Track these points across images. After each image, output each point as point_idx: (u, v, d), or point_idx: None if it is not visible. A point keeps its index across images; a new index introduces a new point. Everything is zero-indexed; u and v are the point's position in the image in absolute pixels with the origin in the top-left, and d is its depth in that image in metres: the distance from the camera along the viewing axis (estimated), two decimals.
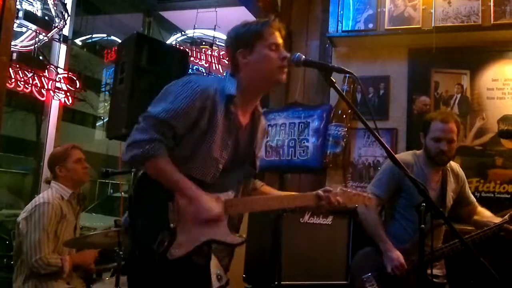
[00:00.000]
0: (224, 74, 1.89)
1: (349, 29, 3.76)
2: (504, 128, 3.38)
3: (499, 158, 3.39)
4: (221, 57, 7.23)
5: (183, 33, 7.43)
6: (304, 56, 1.77)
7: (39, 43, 5.07)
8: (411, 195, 2.51)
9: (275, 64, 1.74)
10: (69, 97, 5.50)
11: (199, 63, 7.33)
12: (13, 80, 4.81)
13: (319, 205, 1.86)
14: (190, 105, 1.63)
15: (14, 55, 4.90)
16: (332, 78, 1.73)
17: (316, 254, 2.89)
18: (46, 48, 5.49)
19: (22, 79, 4.92)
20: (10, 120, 12.46)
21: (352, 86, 3.77)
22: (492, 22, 3.36)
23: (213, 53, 7.35)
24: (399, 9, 3.64)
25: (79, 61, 12.78)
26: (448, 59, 3.60)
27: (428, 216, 1.67)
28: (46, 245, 2.59)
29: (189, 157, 1.67)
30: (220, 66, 7.35)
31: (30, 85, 5.01)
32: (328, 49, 4.01)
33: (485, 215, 2.71)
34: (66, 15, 5.19)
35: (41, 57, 5.26)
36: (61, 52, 5.52)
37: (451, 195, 2.66)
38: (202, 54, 7.34)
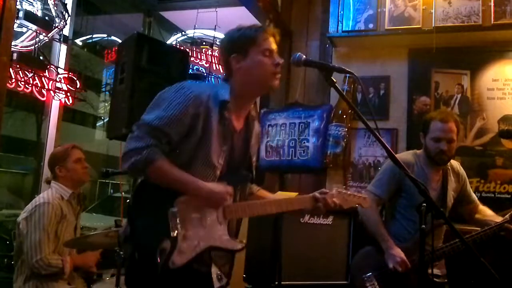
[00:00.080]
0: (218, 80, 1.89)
1: (349, 29, 3.77)
2: (505, 128, 3.38)
3: (500, 158, 3.39)
4: None
5: (184, 33, 7.41)
6: (305, 56, 1.77)
7: (40, 43, 5.06)
8: (412, 195, 2.51)
9: (268, 70, 1.74)
10: (70, 97, 5.49)
11: (200, 63, 7.32)
12: (14, 80, 4.80)
13: (316, 207, 1.86)
14: (184, 112, 1.63)
15: (15, 55, 4.88)
16: (333, 78, 1.72)
17: (316, 254, 2.89)
18: (47, 48, 5.48)
19: (23, 79, 4.91)
20: (11, 120, 12.47)
21: (353, 86, 3.77)
22: (493, 22, 3.37)
23: (214, 53, 7.33)
24: (399, 9, 3.64)
25: (80, 61, 12.79)
26: (449, 59, 3.60)
27: (429, 216, 1.67)
28: (47, 245, 2.59)
29: (186, 165, 1.66)
30: (221, 67, 7.33)
31: (31, 85, 5.00)
32: (328, 49, 4.02)
33: (487, 214, 2.71)
34: (67, 15, 5.19)
35: (42, 57, 5.24)
36: (62, 52, 5.50)
37: (452, 194, 2.66)
38: (203, 54, 7.32)
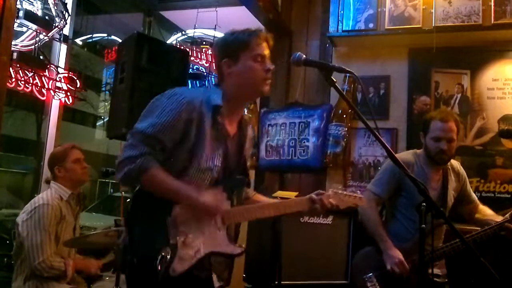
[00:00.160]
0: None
1: (350, 29, 3.76)
2: (505, 128, 3.38)
3: (500, 158, 3.39)
4: None
5: (184, 33, 7.41)
6: (305, 56, 1.77)
7: (40, 43, 5.06)
8: (412, 195, 2.50)
9: (259, 76, 1.73)
10: (70, 97, 5.50)
11: (200, 63, 7.33)
12: (14, 80, 4.81)
13: (313, 209, 1.86)
14: (177, 118, 1.63)
15: (15, 55, 4.88)
16: (333, 78, 1.72)
17: (316, 254, 2.89)
18: (47, 48, 5.49)
19: (23, 79, 4.92)
20: (11, 120, 12.46)
21: (353, 86, 3.77)
22: (493, 22, 3.36)
23: None
24: (400, 9, 3.64)
25: (80, 61, 12.79)
26: (449, 59, 3.60)
27: (429, 216, 1.67)
28: (48, 247, 2.57)
29: (182, 171, 1.66)
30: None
31: (31, 85, 5.01)
32: (329, 49, 4.02)
33: (487, 213, 2.71)
34: (67, 15, 5.19)
35: (42, 57, 5.25)
36: (62, 52, 5.51)
37: (452, 194, 2.66)
38: (203, 54, 7.33)
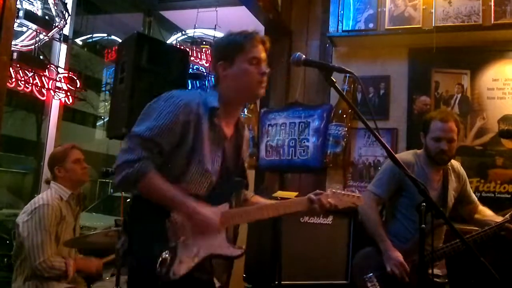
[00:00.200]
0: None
1: (350, 29, 3.76)
2: (505, 128, 3.38)
3: (500, 158, 3.38)
4: None
5: (184, 33, 7.41)
6: (304, 56, 1.77)
7: (40, 43, 5.06)
8: (412, 195, 2.50)
9: (254, 79, 1.73)
10: (70, 97, 5.50)
11: (200, 63, 7.32)
12: (14, 80, 4.81)
13: (312, 208, 1.86)
14: (174, 120, 1.63)
15: (15, 55, 4.88)
16: (333, 78, 1.72)
17: (316, 254, 2.89)
18: (47, 48, 5.49)
19: (23, 79, 4.91)
20: (11, 120, 12.46)
21: (353, 86, 3.77)
22: (493, 22, 3.36)
23: None
24: (400, 9, 3.63)
25: (80, 61, 12.78)
26: (449, 59, 3.59)
27: (429, 216, 1.67)
28: (49, 247, 2.57)
29: (181, 173, 1.66)
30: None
31: (31, 85, 5.01)
32: (329, 49, 4.01)
33: (487, 214, 2.71)
34: (67, 15, 5.19)
35: (42, 57, 5.25)
36: (62, 52, 5.51)
37: (453, 194, 2.66)
38: (203, 54, 7.33)
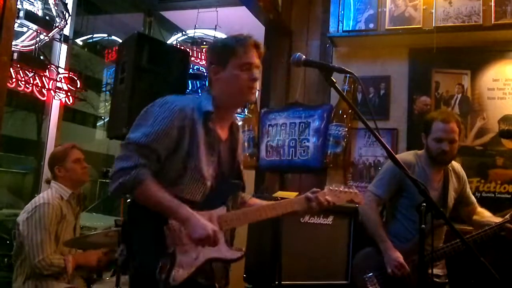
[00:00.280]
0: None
1: (350, 29, 3.76)
2: (505, 128, 3.38)
3: (500, 158, 3.38)
4: None
5: (184, 33, 7.39)
6: (305, 56, 1.77)
7: (40, 43, 5.05)
8: (413, 195, 2.50)
9: (244, 85, 1.72)
10: (70, 97, 5.49)
11: (200, 63, 7.31)
12: (14, 80, 4.80)
13: (310, 207, 1.85)
14: (169, 126, 1.63)
15: (15, 55, 4.87)
16: (333, 78, 1.72)
17: (317, 254, 2.88)
18: (47, 48, 5.48)
19: (23, 79, 4.91)
20: (11, 120, 12.45)
21: (353, 86, 3.77)
22: (493, 22, 3.36)
23: None
24: (400, 9, 3.63)
25: (80, 61, 12.77)
26: (449, 59, 3.59)
27: (429, 216, 1.67)
28: (49, 246, 2.58)
29: (177, 179, 1.66)
30: None
31: (31, 85, 5.00)
32: (329, 49, 4.01)
33: (485, 215, 2.71)
34: (67, 15, 5.18)
35: (42, 57, 5.24)
36: (62, 52, 5.50)
37: (453, 195, 2.66)
38: (203, 54, 7.32)
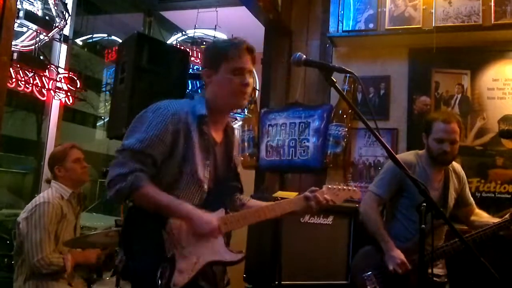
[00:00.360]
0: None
1: (350, 29, 3.76)
2: (505, 128, 3.38)
3: (500, 158, 3.39)
4: None
5: (184, 33, 7.38)
6: (305, 56, 1.77)
7: (40, 43, 5.05)
8: (413, 195, 2.49)
9: (235, 90, 1.72)
10: (70, 97, 5.48)
11: (200, 63, 7.32)
12: (14, 80, 4.80)
13: (308, 206, 1.85)
14: (163, 131, 1.63)
15: (15, 55, 4.87)
16: (333, 78, 1.72)
17: (316, 254, 2.89)
18: (47, 48, 5.47)
19: (23, 79, 4.90)
20: (11, 120, 12.45)
21: (353, 86, 3.77)
22: (493, 22, 3.36)
23: None
24: (400, 9, 3.64)
25: (80, 61, 12.76)
26: (449, 59, 3.60)
27: (429, 216, 1.67)
28: (48, 245, 2.58)
29: (173, 183, 1.66)
30: None
31: (31, 85, 5.00)
32: (329, 49, 4.02)
33: (483, 216, 2.72)
34: (67, 15, 5.18)
35: (42, 57, 5.24)
36: (62, 52, 5.50)
37: (453, 195, 2.66)
38: (203, 54, 7.32)
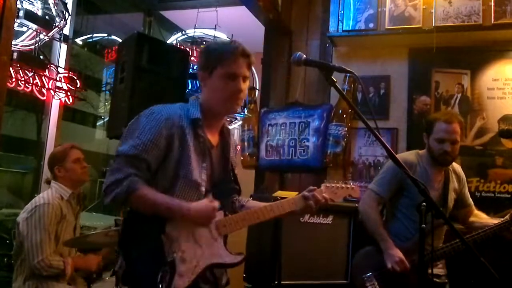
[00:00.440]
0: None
1: (350, 29, 3.76)
2: (505, 128, 3.38)
3: (500, 158, 3.39)
4: None
5: (184, 33, 7.38)
6: (305, 56, 1.76)
7: (40, 43, 5.05)
8: (413, 195, 2.50)
9: (228, 95, 1.71)
10: (70, 97, 5.48)
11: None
12: (14, 80, 4.79)
13: (308, 205, 1.84)
14: (157, 135, 1.63)
15: (15, 55, 4.87)
16: (333, 78, 1.72)
17: (316, 254, 2.89)
18: (47, 48, 5.47)
19: (23, 79, 4.90)
20: (11, 120, 12.45)
21: (353, 86, 3.77)
22: (493, 22, 3.36)
23: None
24: (400, 9, 3.64)
25: (80, 61, 12.75)
26: (449, 59, 3.60)
27: (429, 216, 1.67)
28: (48, 246, 2.58)
29: (170, 187, 1.66)
30: None
31: (31, 85, 4.99)
32: (329, 49, 4.02)
33: (482, 217, 2.72)
34: (67, 15, 5.18)
35: (42, 57, 5.23)
36: (62, 52, 5.50)
37: (453, 195, 2.66)
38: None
